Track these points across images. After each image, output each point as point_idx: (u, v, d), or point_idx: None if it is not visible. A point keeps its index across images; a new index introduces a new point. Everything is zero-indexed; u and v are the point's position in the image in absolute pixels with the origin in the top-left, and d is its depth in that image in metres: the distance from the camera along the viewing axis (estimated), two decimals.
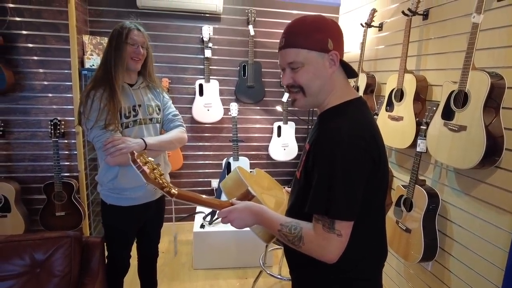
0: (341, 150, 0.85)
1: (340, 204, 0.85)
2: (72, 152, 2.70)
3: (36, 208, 2.62)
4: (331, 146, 0.86)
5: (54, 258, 1.41)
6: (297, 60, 0.89)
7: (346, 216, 0.86)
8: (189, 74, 3.02)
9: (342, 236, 0.86)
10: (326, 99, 0.95)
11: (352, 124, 0.88)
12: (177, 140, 1.64)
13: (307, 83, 0.91)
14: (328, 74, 0.91)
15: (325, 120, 0.96)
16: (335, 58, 0.89)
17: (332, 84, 0.93)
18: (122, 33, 1.47)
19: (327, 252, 0.88)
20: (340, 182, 0.84)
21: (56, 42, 2.53)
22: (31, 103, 2.57)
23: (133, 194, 1.58)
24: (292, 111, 3.19)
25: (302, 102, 0.95)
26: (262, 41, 3.09)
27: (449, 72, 1.88)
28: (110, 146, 1.42)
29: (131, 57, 1.50)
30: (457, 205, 1.82)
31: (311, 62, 0.88)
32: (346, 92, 0.96)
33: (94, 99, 1.45)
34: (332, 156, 0.85)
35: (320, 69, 0.89)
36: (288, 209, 1.06)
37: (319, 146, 0.90)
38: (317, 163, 0.89)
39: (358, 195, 0.87)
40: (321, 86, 0.92)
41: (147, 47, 1.56)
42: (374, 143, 0.88)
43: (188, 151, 3.14)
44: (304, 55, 0.88)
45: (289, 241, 0.92)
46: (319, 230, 0.87)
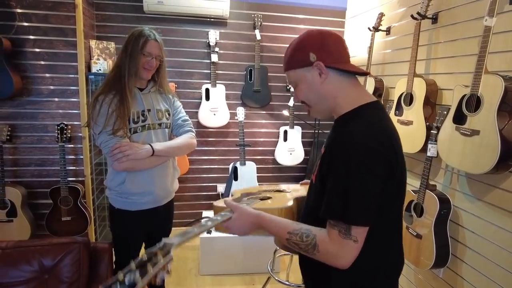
0: (356, 154, 0.83)
1: (356, 210, 0.83)
2: (78, 157, 2.70)
3: (42, 213, 2.61)
4: (346, 150, 0.85)
5: (62, 264, 1.39)
6: (291, 81, 0.98)
7: (362, 221, 0.85)
8: (196, 79, 3.02)
9: (358, 241, 0.85)
10: (335, 106, 0.95)
11: (367, 128, 0.87)
12: (186, 146, 1.63)
13: (304, 98, 0.97)
14: (319, 84, 0.93)
15: (340, 125, 0.95)
16: (321, 66, 0.91)
17: (331, 91, 0.94)
18: (139, 42, 1.45)
19: (342, 258, 0.86)
20: (356, 187, 0.83)
21: (63, 46, 2.53)
22: (38, 108, 2.57)
23: (140, 199, 1.57)
24: (298, 115, 3.17)
25: (313, 113, 1.01)
26: (269, 46, 3.09)
27: (460, 76, 1.86)
28: (117, 152, 1.41)
29: (144, 67, 1.49)
30: (469, 211, 1.79)
31: (301, 79, 0.94)
32: (358, 96, 0.95)
33: (103, 104, 1.45)
34: (347, 161, 0.84)
35: (311, 82, 0.93)
36: (304, 213, 1.05)
37: (334, 150, 0.89)
38: (332, 167, 0.87)
39: (374, 200, 0.85)
40: (318, 96, 0.95)
41: (162, 58, 1.55)
42: (390, 147, 0.87)
43: (194, 156, 3.12)
44: (293, 75, 0.96)
45: (301, 249, 0.90)
46: (335, 236, 0.85)
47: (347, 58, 0.96)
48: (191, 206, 3.20)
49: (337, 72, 0.93)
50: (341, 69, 0.93)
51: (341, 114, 0.95)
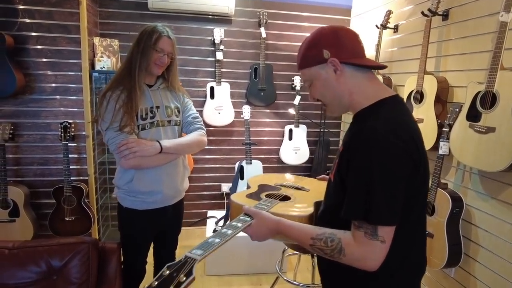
0: (377, 151, 0.80)
1: (381, 209, 0.80)
2: (81, 156, 2.65)
3: (45, 212, 2.56)
4: (366, 147, 0.82)
5: (71, 265, 1.36)
6: (305, 79, 0.97)
7: (388, 221, 0.81)
8: (200, 77, 2.99)
9: (386, 242, 0.82)
10: (352, 102, 0.93)
11: (387, 123, 0.84)
12: (195, 143, 1.60)
13: (320, 96, 0.96)
14: (335, 81, 0.91)
15: (358, 121, 0.92)
16: (335, 63, 0.89)
17: (347, 87, 0.91)
18: (152, 38, 1.43)
19: (369, 260, 0.83)
20: (379, 185, 0.80)
21: (66, 44, 2.49)
22: (41, 106, 2.53)
23: (149, 198, 1.54)
24: (304, 113, 3.15)
25: (329, 111, 0.99)
26: (274, 44, 3.06)
27: (472, 73, 1.84)
28: (124, 148, 1.38)
29: (155, 63, 1.46)
30: (482, 209, 1.77)
31: (315, 76, 0.93)
32: (376, 91, 0.92)
33: (110, 100, 1.42)
34: (368, 158, 0.81)
35: (325, 79, 0.92)
36: (323, 213, 1.02)
37: (354, 147, 0.86)
38: (353, 166, 0.84)
39: (399, 197, 0.82)
40: (333, 93, 0.93)
41: (174, 56, 1.52)
42: (412, 143, 0.84)
43: (198, 155, 3.09)
44: (307, 73, 0.95)
45: (326, 254, 0.87)
46: (361, 238, 0.82)
47: (363, 53, 0.94)
48: (195, 206, 3.16)
49: (353, 68, 0.91)
50: (356, 64, 0.90)
51: (358, 110, 0.92)
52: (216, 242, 0.84)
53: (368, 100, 0.90)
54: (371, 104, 0.90)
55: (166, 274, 0.68)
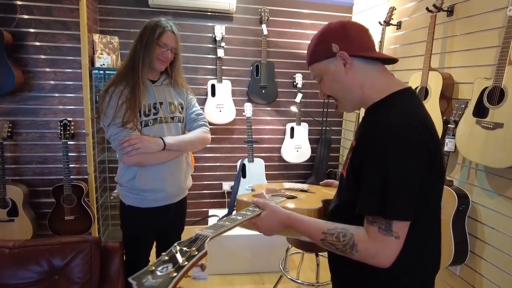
0: (392, 143, 0.78)
1: (396, 203, 0.78)
2: (81, 154, 2.62)
3: (44, 212, 2.53)
4: (381, 141, 0.80)
5: (73, 264, 1.33)
6: (315, 74, 0.95)
7: (404, 216, 0.79)
8: (201, 74, 2.96)
9: (400, 238, 0.79)
10: (363, 96, 0.90)
11: (401, 116, 0.81)
12: (199, 140, 1.57)
13: (330, 91, 0.94)
14: (344, 74, 0.89)
15: (371, 114, 0.90)
16: (344, 56, 0.87)
17: (356, 81, 0.89)
18: (155, 32, 1.40)
19: (383, 256, 0.80)
20: (395, 179, 0.78)
21: (66, 40, 2.46)
22: (40, 103, 2.49)
23: (152, 196, 1.51)
24: (306, 111, 3.12)
25: (340, 107, 0.97)
26: (275, 41, 3.04)
27: (478, 69, 1.82)
28: (127, 145, 1.35)
29: (158, 58, 1.44)
30: (489, 206, 1.75)
31: (325, 71, 0.91)
32: (388, 84, 0.89)
33: (112, 96, 1.39)
34: (384, 152, 0.78)
35: (335, 73, 0.90)
36: (334, 209, 0.99)
37: (367, 141, 0.83)
38: (367, 160, 0.82)
39: (415, 191, 0.80)
40: (343, 88, 0.91)
41: (177, 51, 1.50)
42: (428, 134, 0.82)
43: (199, 153, 3.06)
44: (317, 68, 0.93)
45: (338, 249, 0.85)
46: (374, 233, 0.80)
47: (372, 46, 0.92)
48: (196, 205, 3.13)
49: (362, 61, 0.89)
50: (366, 56, 0.88)
51: (370, 104, 0.90)
52: (226, 224, 0.84)
53: (380, 94, 0.88)
54: (383, 97, 0.88)
55: (176, 249, 0.67)
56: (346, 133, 3.31)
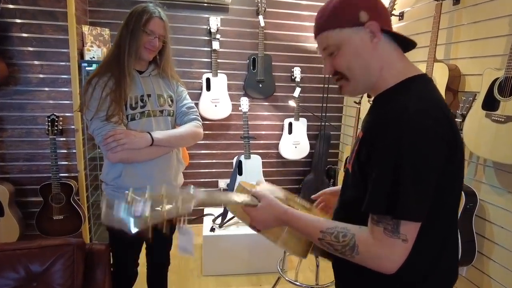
0: (409, 132, 0.68)
1: (408, 202, 0.68)
2: (71, 151, 2.52)
3: (32, 211, 2.43)
4: (395, 129, 0.69)
5: (53, 270, 1.23)
6: (330, 43, 0.79)
7: (414, 216, 0.69)
8: (196, 68, 2.85)
9: (408, 241, 0.70)
10: (378, 79, 0.79)
11: (420, 102, 0.71)
12: (190, 135, 1.46)
13: (348, 66, 0.79)
14: (370, 50, 0.76)
15: (383, 102, 0.79)
16: (375, 28, 0.75)
17: (379, 60, 0.77)
18: (142, 18, 1.29)
19: (387, 261, 0.71)
20: (408, 175, 0.68)
21: (53, 32, 2.34)
22: (27, 98, 2.38)
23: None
24: (304, 106, 3.02)
25: (348, 88, 0.83)
26: (273, 33, 2.93)
27: (486, 60, 1.72)
28: (111, 140, 1.25)
29: (145, 46, 1.33)
30: (498, 204, 1.66)
31: (346, 41, 0.77)
32: (404, 68, 0.79)
33: (96, 87, 1.29)
34: (398, 142, 0.68)
35: (359, 46, 0.76)
36: (339, 208, 0.89)
37: (379, 130, 0.73)
38: (377, 152, 0.72)
39: (429, 190, 0.70)
40: (365, 65, 0.78)
41: (166, 39, 1.38)
42: (447, 125, 0.72)
43: (194, 150, 2.96)
44: (336, 36, 0.77)
45: (337, 250, 0.76)
46: (379, 234, 0.71)
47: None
48: None
49: (389, 39, 0.78)
50: (396, 34, 0.77)
51: (383, 90, 0.79)
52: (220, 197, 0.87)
53: (396, 78, 0.78)
54: (398, 82, 0.77)
55: (162, 195, 0.67)
56: (346, 128, 3.21)
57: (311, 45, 3.00)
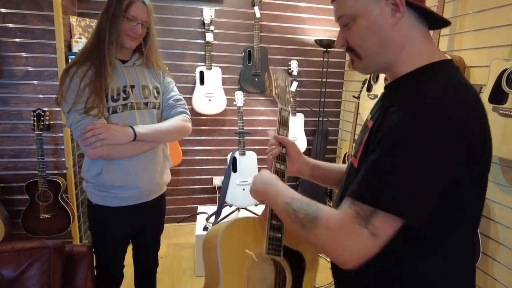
0: (422, 124, 0.58)
1: (393, 193, 0.58)
2: (58, 147, 2.42)
3: (18, 209, 2.33)
4: (407, 116, 0.59)
5: (27, 275, 1.14)
6: (345, 12, 0.68)
7: (395, 209, 0.58)
8: (189, 61, 2.74)
9: (378, 237, 0.59)
10: (397, 61, 0.68)
11: (445, 92, 0.61)
12: (177, 129, 1.37)
13: (361, 44, 0.69)
14: (389, 26, 0.66)
15: (401, 88, 0.68)
16: (398, 0, 0.63)
17: (401, 39, 0.66)
18: (122, 3, 1.20)
19: (344, 250, 0.61)
20: (405, 167, 0.58)
21: (38, 22, 2.23)
22: (11, 92, 2.28)
23: (123, 193, 1.32)
24: (301, 101, 2.93)
25: (359, 66, 0.73)
26: (269, 25, 2.82)
27: (493, 50, 1.63)
28: (90, 135, 1.16)
29: (126, 33, 1.24)
30: (503, 203, 1.58)
31: (363, 12, 0.66)
32: (429, 51, 0.68)
33: (74, 77, 1.19)
34: (405, 130, 0.59)
35: (377, 20, 0.66)
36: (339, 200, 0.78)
37: (391, 119, 0.62)
38: (382, 139, 0.62)
39: (428, 190, 0.59)
40: (381, 44, 0.67)
41: (150, 25, 1.29)
42: (477, 122, 0.61)
43: (187, 146, 2.86)
44: (352, 4, 0.67)
45: (298, 219, 0.68)
46: (348, 217, 0.61)
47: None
48: (184, 201, 2.94)
49: (414, 14, 0.66)
50: (424, 8, 0.66)
51: (401, 74, 0.69)
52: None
53: (417, 61, 0.67)
54: (421, 66, 0.66)
55: None
56: (345, 124, 3.12)
57: (309, 38, 2.90)
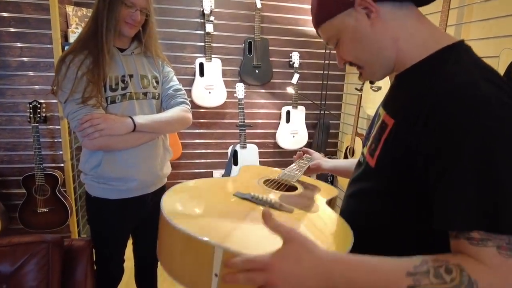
0: (486, 116, 0.51)
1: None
2: (56, 140, 2.37)
3: (14, 204, 2.30)
4: (470, 115, 0.52)
5: (25, 271, 1.10)
6: (329, 36, 0.70)
7: None
8: (188, 52, 2.69)
9: None
10: (398, 53, 0.65)
11: (479, 73, 0.55)
12: (177, 120, 1.33)
13: (353, 54, 0.69)
14: (370, 28, 0.64)
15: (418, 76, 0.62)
16: (366, 3, 0.62)
17: (387, 34, 0.64)
18: None
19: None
20: (506, 172, 0.50)
21: (33, 11, 2.17)
22: (6, 83, 2.22)
23: (122, 186, 1.28)
24: (303, 94, 2.88)
25: (366, 76, 0.72)
26: (270, 16, 2.77)
27: (502, 40, 1.58)
28: (88, 125, 1.12)
29: (125, 21, 1.19)
30: None
31: (342, 29, 0.67)
32: (433, 35, 0.64)
33: (70, 66, 1.15)
34: (480, 133, 0.51)
35: (357, 29, 0.65)
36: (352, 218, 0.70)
37: (440, 117, 0.54)
38: (444, 147, 0.53)
39: None
40: (370, 47, 0.66)
41: (149, 12, 1.24)
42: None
43: (186, 139, 2.82)
44: (330, 27, 0.68)
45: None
46: (494, 257, 0.49)
47: None
48: None
49: (391, 5, 0.63)
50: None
51: (410, 64, 0.64)
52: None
53: (425, 48, 0.62)
54: (433, 52, 0.61)
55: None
56: (346, 117, 3.08)
57: (311, 29, 2.84)
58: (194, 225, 0.58)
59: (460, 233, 0.52)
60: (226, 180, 0.90)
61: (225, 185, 0.83)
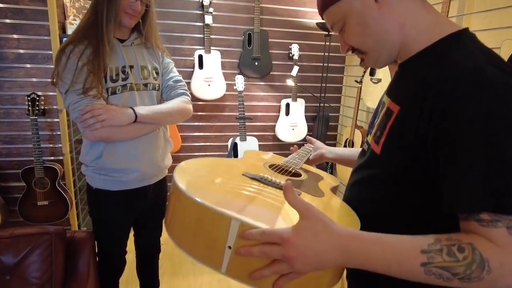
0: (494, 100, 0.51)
1: None
2: (55, 133, 2.36)
3: (14, 197, 2.29)
4: (475, 99, 0.52)
5: (28, 262, 1.10)
6: (334, 21, 0.68)
7: None
8: (187, 44, 2.67)
9: None
10: (404, 38, 0.64)
11: (485, 58, 0.55)
12: (178, 111, 1.32)
13: (358, 39, 0.67)
14: (376, 12, 0.64)
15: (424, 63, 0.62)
16: None
17: (394, 18, 0.63)
18: None
19: None
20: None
21: (30, 2, 2.15)
22: (3, 75, 2.20)
23: (123, 177, 1.28)
24: (302, 86, 2.88)
25: (369, 62, 0.70)
26: (270, 7, 2.74)
27: (504, 31, 1.58)
28: (89, 116, 1.12)
29: (125, 11, 1.18)
30: None
31: (348, 13, 0.65)
32: (437, 22, 0.63)
33: (70, 56, 1.14)
34: (483, 112, 0.51)
35: (362, 13, 0.64)
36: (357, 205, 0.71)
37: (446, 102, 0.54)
38: (451, 132, 0.54)
39: None
40: (376, 31, 0.65)
41: (149, 3, 1.23)
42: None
43: (186, 132, 2.81)
44: (336, 11, 0.66)
45: (457, 275, 0.51)
46: (505, 237, 0.50)
47: None
48: None
49: None
50: None
51: (414, 52, 0.64)
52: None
53: (429, 34, 0.62)
54: (439, 40, 0.61)
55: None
56: (345, 109, 3.08)
57: (310, 21, 2.83)
58: (210, 198, 0.58)
59: (470, 215, 0.52)
60: (232, 161, 0.91)
61: (233, 165, 0.84)
